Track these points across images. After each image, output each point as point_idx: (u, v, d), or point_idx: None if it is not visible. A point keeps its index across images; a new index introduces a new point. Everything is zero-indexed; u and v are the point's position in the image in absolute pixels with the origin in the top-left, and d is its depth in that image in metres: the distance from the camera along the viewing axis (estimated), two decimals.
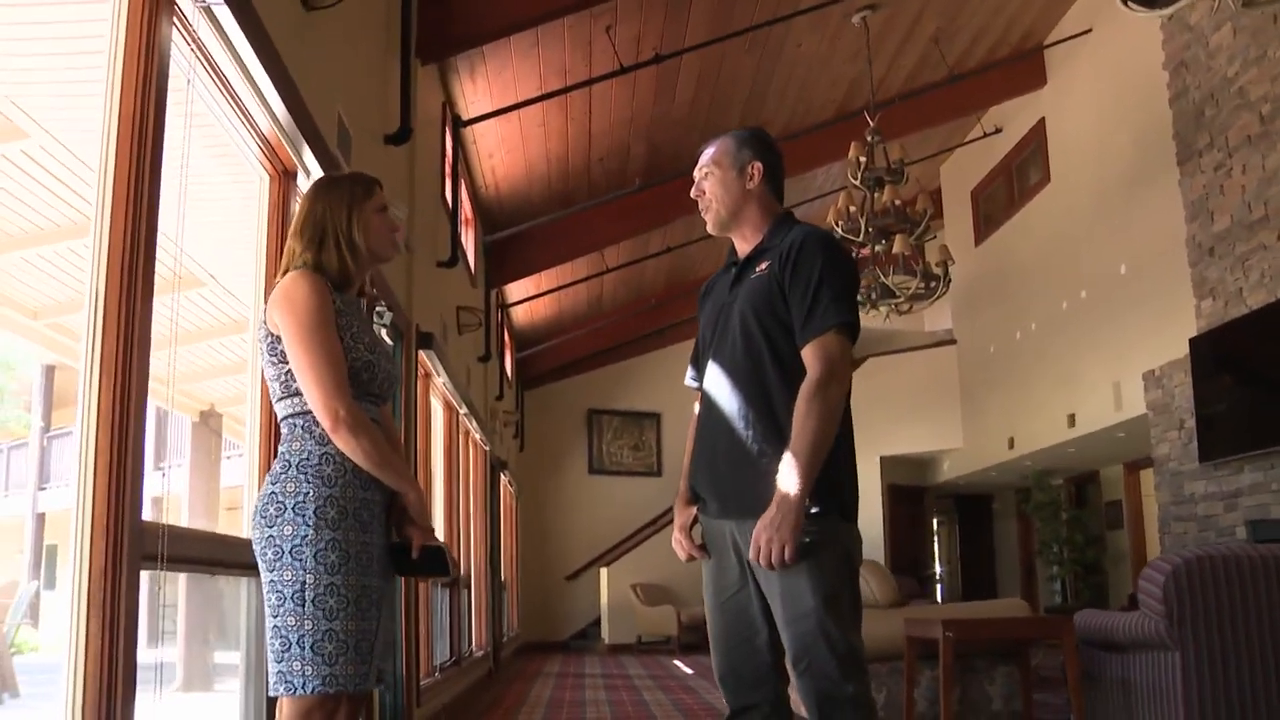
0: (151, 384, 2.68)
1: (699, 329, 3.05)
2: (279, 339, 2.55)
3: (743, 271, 2.90)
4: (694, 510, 2.92)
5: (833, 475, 2.67)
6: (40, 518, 16.83)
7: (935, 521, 18.69)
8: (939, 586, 18.16)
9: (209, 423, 10.65)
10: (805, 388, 2.64)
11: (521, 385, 17.22)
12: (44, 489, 17.15)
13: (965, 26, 10.92)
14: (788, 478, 2.58)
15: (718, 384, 2.85)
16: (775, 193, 2.97)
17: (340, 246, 2.64)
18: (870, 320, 10.74)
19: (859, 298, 9.69)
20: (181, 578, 7.62)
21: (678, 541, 2.92)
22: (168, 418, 11.57)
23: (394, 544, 2.65)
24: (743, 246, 2.95)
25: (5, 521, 19.12)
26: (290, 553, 2.44)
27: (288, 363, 2.53)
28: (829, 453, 2.64)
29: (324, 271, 2.62)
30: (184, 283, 6.65)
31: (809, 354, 2.68)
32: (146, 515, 2.61)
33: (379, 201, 2.74)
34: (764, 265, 2.82)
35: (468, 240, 10.26)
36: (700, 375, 2.98)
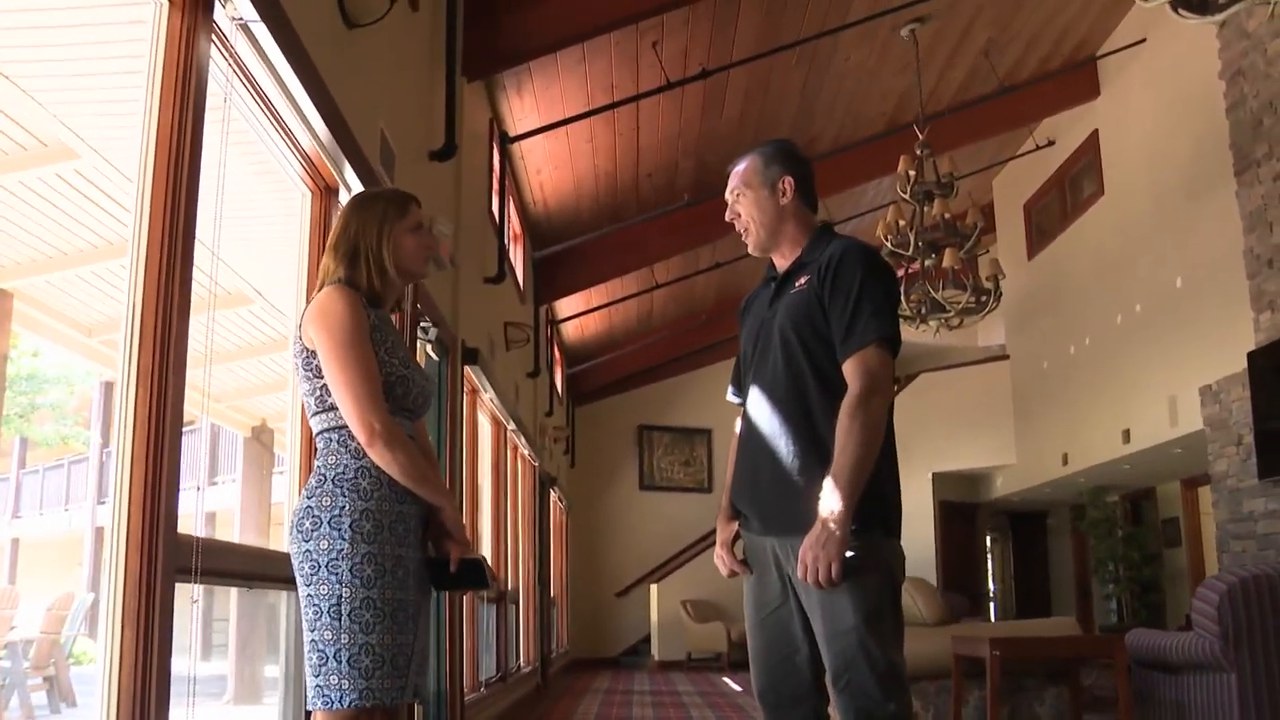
0: (202, 400, 2.70)
1: (740, 345, 3.03)
2: (314, 354, 2.56)
3: (782, 286, 2.87)
4: (735, 526, 2.90)
5: (876, 491, 2.64)
6: (98, 532, 17.06)
7: (988, 539, 18.48)
8: (992, 605, 17.96)
9: (261, 438, 10.76)
10: (847, 403, 2.62)
11: (572, 401, 17.25)
12: (102, 503, 17.38)
13: (1016, 38, 10.82)
14: (832, 496, 2.55)
15: (759, 400, 2.83)
16: (809, 204, 2.94)
17: (369, 266, 2.65)
18: (920, 335, 10.70)
19: (908, 312, 9.73)
20: (232, 592, 7.69)
21: (719, 557, 2.92)
22: (220, 433, 11.70)
23: (432, 559, 2.65)
24: (781, 262, 2.93)
25: (66, 535, 19.42)
26: (326, 566, 2.45)
27: (323, 378, 2.54)
28: (876, 470, 2.63)
29: (357, 287, 2.62)
30: (232, 299, 6.73)
31: (849, 368, 2.65)
32: (201, 529, 2.63)
33: (413, 220, 2.74)
34: (803, 280, 2.80)
35: (516, 256, 10.30)
36: (742, 391, 2.96)
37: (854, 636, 2.57)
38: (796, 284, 2.81)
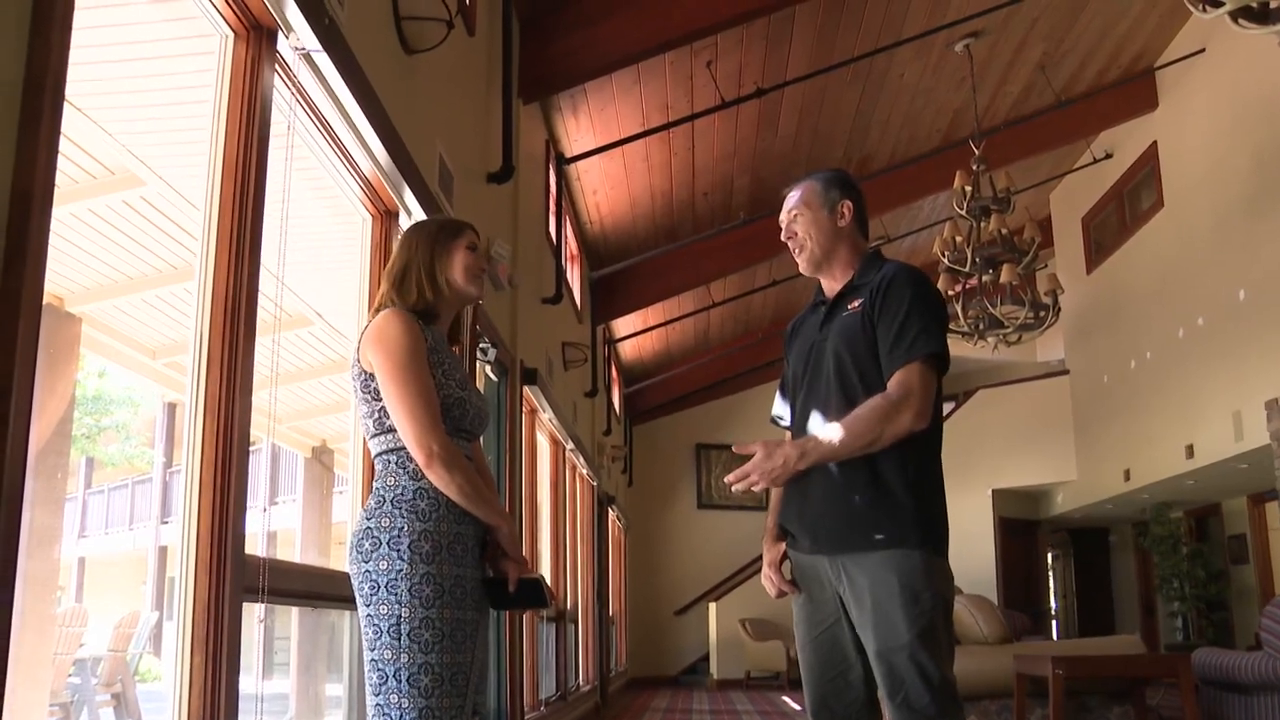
0: (267, 422, 2.74)
1: (786, 368, 3.05)
2: (372, 376, 2.59)
3: (833, 309, 2.90)
4: (782, 546, 2.92)
5: (926, 510, 2.69)
6: (162, 551, 17.28)
7: (1049, 555, 18.26)
8: (1054, 623, 17.73)
9: (321, 459, 10.86)
10: (879, 399, 2.66)
11: (630, 420, 17.27)
12: (166, 523, 17.62)
13: (1072, 51, 10.75)
14: (810, 451, 2.69)
15: (811, 421, 2.85)
16: (863, 231, 2.98)
17: (421, 280, 2.68)
18: (979, 351, 10.63)
19: (966, 328, 9.66)
20: (293, 611, 7.77)
21: (767, 578, 2.92)
22: (280, 454, 11.82)
23: (491, 579, 2.67)
24: (831, 285, 2.95)
25: (130, 554, 19.68)
26: (386, 587, 2.47)
27: (381, 400, 2.57)
28: (928, 489, 2.70)
29: (410, 307, 2.66)
30: (292, 321, 6.81)
31: (892, 380, 2.68)
32: (262, 549, 2.67)
33: (466, 240, 2.77)
34: (856, 303, 2.82)
35: (573, 276, 10.35)
36: (791, 413, 2.98)
37: (907, 652, 2.58)
38: (849, 307, 2.84)
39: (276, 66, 3.01)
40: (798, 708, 11.55)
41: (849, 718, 2.77)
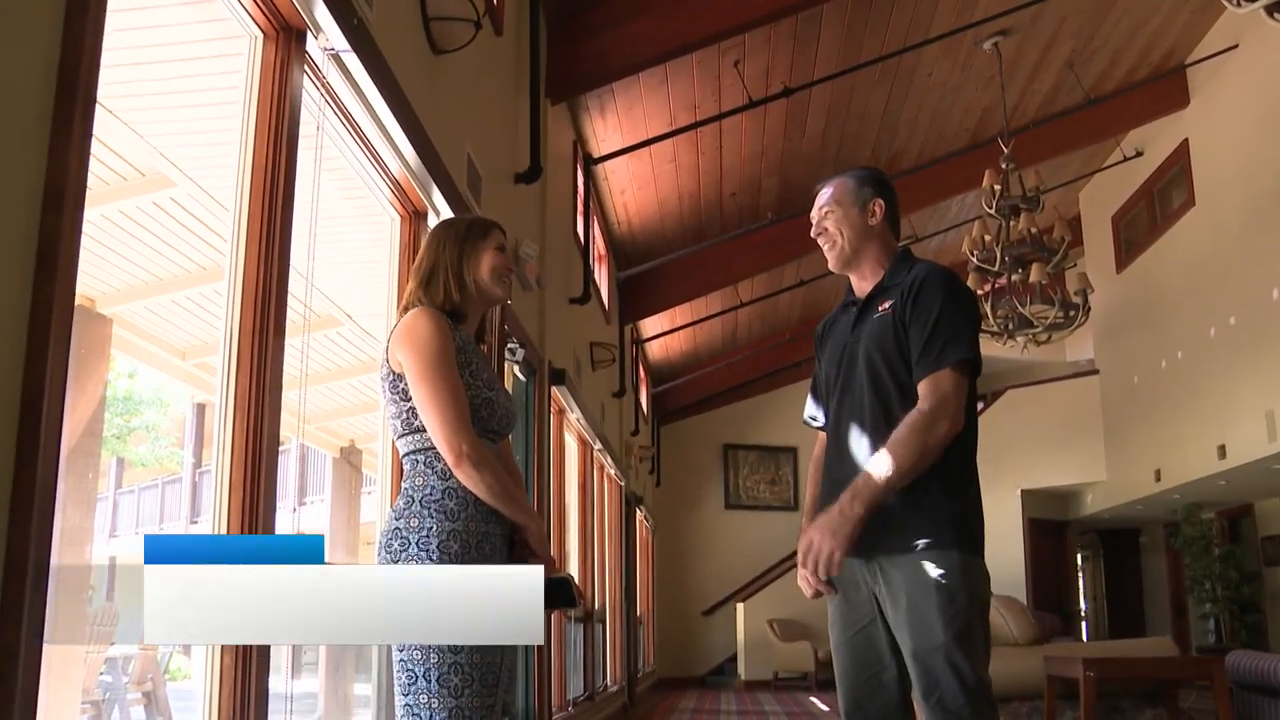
0: (296, 422, 2.75)
1: (818, 369, 3.04)
2: (401, 376, 2.58)
3: (864, 310, 2.88)
4: None
5: (962, 509, 2.66)
6: None
7: (1079, 556, 18.15)
8: (1084, 624, 17.63)
9: (349, 459, 10.88)
10: (912, 416, 2.62)
11: (657, 420, 17.26)
12: (195, 523, 17.70)
13: (1102, 48, 10.68)
14: (862, 491, 2.56)
15: (845, 424, 2.83)
16: (894, 230, 2.96)
17: (448, 280, 2.67)
18: (1008, 351, 10.57)
19: (995, 328, 9.61)
20: None
21: (804, 578, 2.90)
22: (308, 454, 11.86)
23: None
24: (862, 285, 2.93)
25: None
26: None
27: (409, 400, 2.56)
28: (963, 488, 2.67)
29: (437, 306, 2.65)
30: (322, 322, 6.84)
31: (924, 388, 2.66)
32: None
33: (494, 241, 2.77)
34: (887, 304, 2.80)
35: (601, 277, 10.35)
36: (824, 415, 2.97)
37: (943, 653, 2.56)
38: (880, 308, 2.81)
39: (305, 67, 3.02)
40: (825, 709, 11.51)
41: (883, 719, 2.75)
